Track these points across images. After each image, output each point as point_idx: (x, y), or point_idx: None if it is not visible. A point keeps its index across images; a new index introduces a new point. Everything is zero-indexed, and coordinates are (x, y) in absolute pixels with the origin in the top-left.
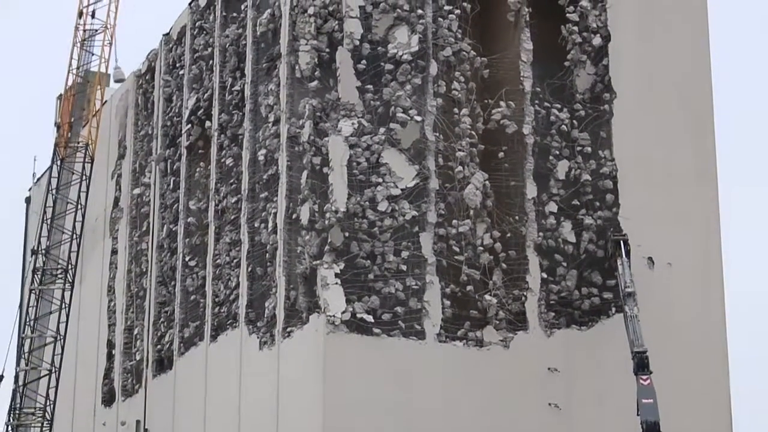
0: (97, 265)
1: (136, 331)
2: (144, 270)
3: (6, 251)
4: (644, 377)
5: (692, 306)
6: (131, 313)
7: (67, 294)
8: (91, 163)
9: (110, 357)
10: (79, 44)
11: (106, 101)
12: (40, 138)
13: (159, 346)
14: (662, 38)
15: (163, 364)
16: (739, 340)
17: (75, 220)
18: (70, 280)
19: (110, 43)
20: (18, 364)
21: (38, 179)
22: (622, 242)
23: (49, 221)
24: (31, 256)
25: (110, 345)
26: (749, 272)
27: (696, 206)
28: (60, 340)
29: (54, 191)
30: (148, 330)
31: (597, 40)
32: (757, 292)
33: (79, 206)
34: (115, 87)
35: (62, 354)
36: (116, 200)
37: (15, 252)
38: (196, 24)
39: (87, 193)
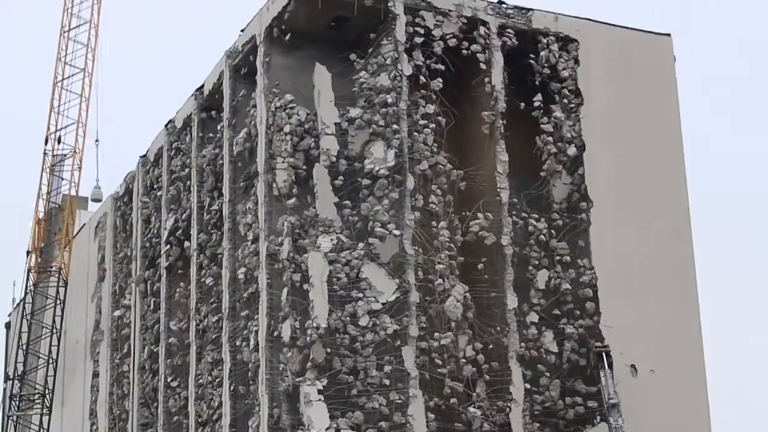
0: (79, 389)
1: None
2: (126, 392)
3: None
4: None
5: (677, 412)
6: None
7: (45, 419)
8: (65, 286)
9: None
10: (48, 170)
11: (84, 225)
12: (20, 262)
13: None
14: (636, 144)
15: None
16: None
17: (51, 344)
18: (48, 405)
19: (79, 167)
20: None
21: (18, 304)
22: (604, 354)
23: (24, 346)
24: (5, 382)
25: None
26: (732, 377)
27: (677, 312)
28: None
29: (28, 316)
30: None
31: (572, 150)
32: (741, 396)
33: (54, 330)
34: (93, 209)
35: None
36: (96, 323)
37: None
38: (173, 145)
39: (62, 316)
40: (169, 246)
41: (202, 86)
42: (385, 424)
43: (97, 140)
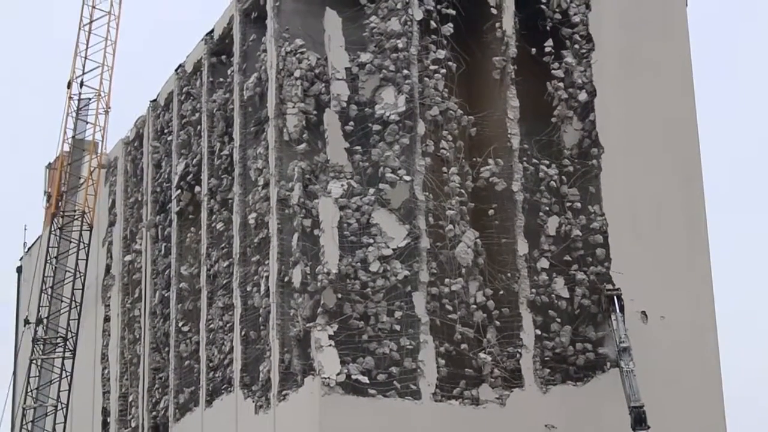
0: (90, 333)
1: (131, 398)
2: (137, 337)
3: None
4: None
5: (687, 359)
6: (125, 381)
7: (68, 362)
8: (90, 230)
9: (105, 425)
10: (73, 113)
11: (104, 167)
12: (29, 206)
13: (154, 413)
14: (647, 90)
15: (159, 430)
16: (735, 390)
17: (74, 288)
18: (71, 349)
19: (105, 111)
20: None
21: (29, 248)
22: (615, 297)
23: (49, 290)
24: (24, 326)
25: (105, 413)
26: (742, 322)
27: (687, 258)
28: (62, 408)
29: (53, 260)
30: (143, 397)
31: (583, 96)
32: (751, 341)
33: (78, 274)
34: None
35: (65, 422)
36: (108, 268)
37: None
38: (183, 90)
39: (86, 260)
40: (179, 191)
41: (212, 30)
42: (395, 369)
43: (108, 108)
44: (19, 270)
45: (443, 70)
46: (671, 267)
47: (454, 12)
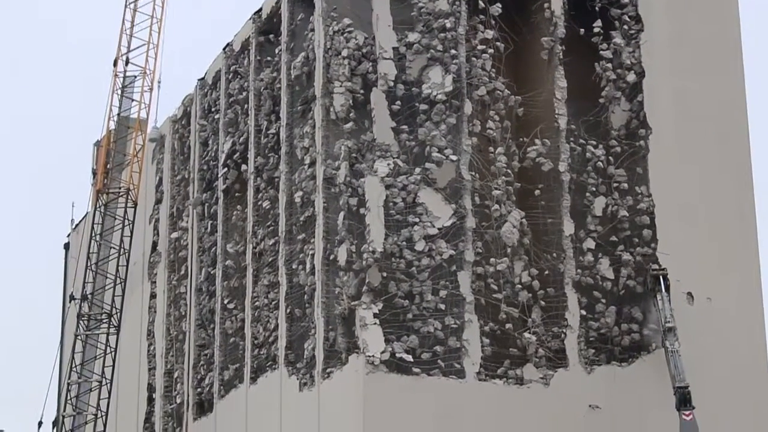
0: (136, 310)
1: (176, 375)
2: (183, 313)
3: (43, 297)
4: (687, 412)
5: (733, 340)
6: (171, 357)
7: (112, 338)
8: (134, 207)
9: (151, 401)
10: (119, 91)
11: (153, 140)
12: (77, 184)
13: (199, 389)
14: (697, 72)
15: (204, 407)
16: None
17: (119, 265)
18: (115, 324)
19: (150, 89)
20: (63, 409)
21: (76, 225)
22: (661, 277)
23: (93, 266)
24: (70, 302)
25: (150, 389)
26: None
27: (735, 240)
28: (106, 384)
29: (98, 237)
30: (188, 373)
31: (631, 77)
32: None
33: (123, 250)
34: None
35: (109, 398)
36: (154, 245)
37: (52, 298)
38: (231, 68)
39: (131, 237)
40: (226, 169)
41: (260, 9)
42: (440, 348)
43: (159, 81)
44: (67, 247)
45: (491, 50)
46: (718, 249)
47: None
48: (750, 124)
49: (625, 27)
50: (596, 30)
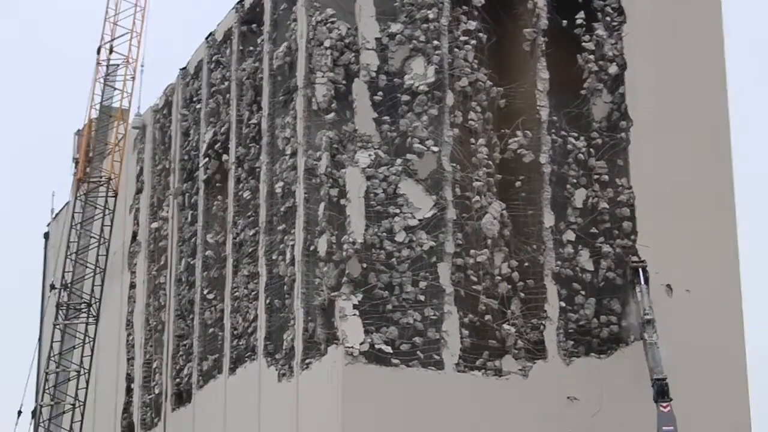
0: (116, 300)
1: (155, 365)
2: (162, 304)
3: (22, 287)
4: (664, 404)
5: (711, 332)
6: (150, 347)
7: (91, 328)
8: (115, 196)
9: (129, 391)
10: (102, 79)
11: (136, 128)
12: (57, 173)
13: (178, 380)
14: (679, 65)
15: (182, 397)
16: (759, 365)
17: (98, 254)
18: (94, 314)
19: (132, 77)
20: (41, 399)
21: (56, 214)
22: (640, 269)
23: (73, 256)
24: (50, 291)
25: (129, 379)
26: None
27: (714, 233)
28: (85, 374)
29: (78, 226)
30: (167, 363)
31: (613, 69)
32: None
33: (103, 240)
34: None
35: (87, 388)
36: (134, 234)
37: (31, 287)
38: (213, 58)
39: (111, 226)
40: (207, 159)
41: None
42: (419, 339)
43: (142, 66)
44: (47, 236)
45: (473, 41)
46: (698, 241)
47: None
48: (731, 117)
49: (608, 19)
50: (579, 21)
